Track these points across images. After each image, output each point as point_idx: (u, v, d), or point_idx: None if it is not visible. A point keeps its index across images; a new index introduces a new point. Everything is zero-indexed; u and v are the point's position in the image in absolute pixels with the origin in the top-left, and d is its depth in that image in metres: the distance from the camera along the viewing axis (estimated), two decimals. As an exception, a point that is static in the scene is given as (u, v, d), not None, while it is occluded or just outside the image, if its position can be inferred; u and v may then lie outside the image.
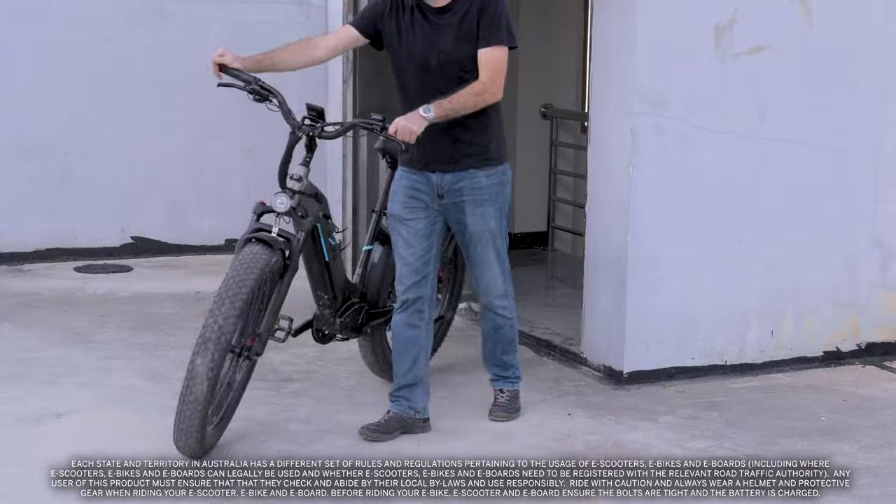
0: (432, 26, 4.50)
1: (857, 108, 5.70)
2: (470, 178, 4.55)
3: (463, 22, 4.46)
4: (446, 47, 4.47)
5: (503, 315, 4.79)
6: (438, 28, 4.49)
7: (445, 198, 4.57)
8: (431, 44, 4.48)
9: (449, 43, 4.47)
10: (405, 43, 4.53)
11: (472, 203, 4.56)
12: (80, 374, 5.35)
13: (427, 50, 4.49)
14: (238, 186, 8.29)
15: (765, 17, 5.47)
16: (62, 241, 7.85)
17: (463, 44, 4.46)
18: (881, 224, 5.85)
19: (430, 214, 4.61)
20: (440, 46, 4.47)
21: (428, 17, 4.51)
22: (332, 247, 4.76)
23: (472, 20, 4.46)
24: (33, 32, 7.63)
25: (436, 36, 4.48)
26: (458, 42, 4.46)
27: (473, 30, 4.45)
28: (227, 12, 8.12)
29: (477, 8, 4.45)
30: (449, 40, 4.47)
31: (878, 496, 4.19)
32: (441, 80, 4.46)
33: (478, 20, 4.45)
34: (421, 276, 4.59)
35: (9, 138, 7.66)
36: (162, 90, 7.97)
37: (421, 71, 4.51)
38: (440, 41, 4.48)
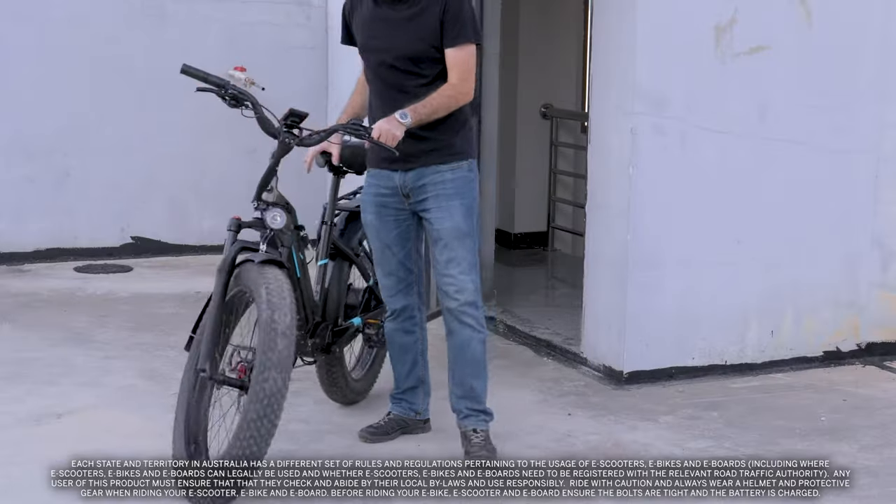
0: (388, 20, 4.32)
1: (857, 108, 5.70)
2: (432, 174, 4.33)
3: (421, 16, 4.27)
4: (402, 42, 4.29)
5: (472, 326, 4.35)
6: (395, 22, 4.31)
7: (411, 196, 4.37)
8: (388, 38, 4.32)
9: (406, 37, 4.28)
10: (364, 38, 4.41)
11: (437, 198, 4.33)
12: (80, 374, 5.35)
13: (385, 45, 4.32)
14: (238, 186, 8.26)
15: (765, 17, 5.47)
16: (62, 241, 7.85)
17: (420, 39, 4.27)
18: (881, 224, 5.85)
19: (403, 218, 4.43)
20: (397, 41, 4.29)
21: (383, 9, 4.34)
22: (303, 262, 4.52)
23: (432, 15, 4.25)
24: (33, 32, 7.63)
25: (392, 30, 4.31)
26: (416, 37, 4.27)
27: (433, 25, 4.25)
28: (227, 12, 8.12)
29: (440, 3, 4.24)
30: (406, 34, 4.28)
31: (878, 496, 4.19)
32: (398, 75, 4.31)
33: (441, 17, 4.24)
34: (405, 285, 4.50)
35: (9, 138, 7.66)
36: (162, 90, 7.96)
37: (380, 66, 4.35)
38: (397, 35, 4.30)
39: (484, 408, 4.43)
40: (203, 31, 8.06)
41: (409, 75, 4.31)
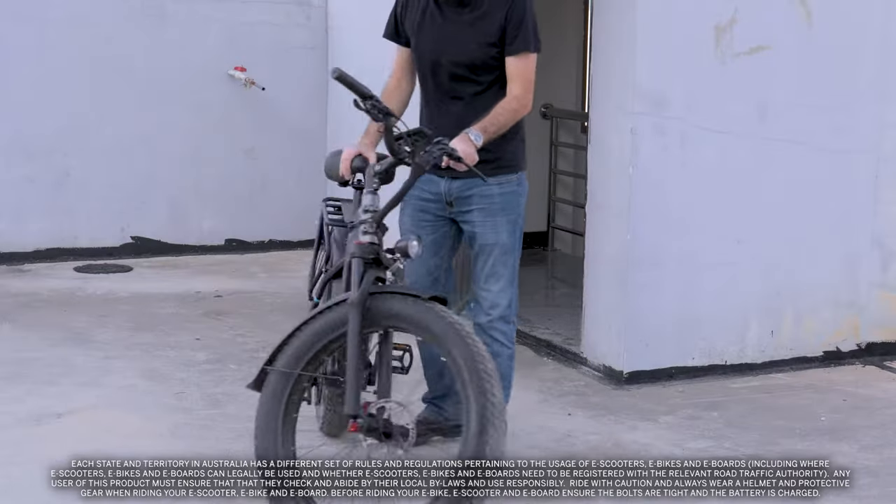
0: (447, 21, 4.19)
1: (857, 108, 5.70)
2: (480, 186, 4.19)
3: (482, 20, 4.14)
4: (460, 46, 4.16)
5: (501, 342, 4.31)
6: (454, 24, 4.18)
7: (455, 206, 4.27)
8: (444, 40, 4.18)
9: (464, 41, 4.15)
10: (419, 39, 4.25)
11: (482, 212, 4.24)
12: (80, 374, 5.35)
13: (439, 47, 4.19)
14: (238, 186, 8.30)
15: (765, 17, 5.47)
16: (62, 241, 7.85)
17: (479, 44, 4.14)
18: (881, 224, 5.85)
19: (441, 224, 4.33)
20: (454, 44, 4.16)
21: (444, 11, 4.19)
22: None
23: (493, 21, 4.12)
24: (33, 32, 7.63)
25: (450, 32, 4.18)
26: (475, 41, 4.14)
27: (493, 31, 4.12)
28: (227, 12, 8.12)
29: (502, 10, 4.12)
30: (464, 38, 4.15)
31: (878, 496, 4.19)
32: (453, 80, 4.21)
33: (503, 23, 4.11)
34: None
35: (9, 138, 7.66)
36: (162, 90, 7.97)
37: (432, 69, 4.23)
38: (454, 38, 4.16)
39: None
40: (203, 31, 8.06)
41: (464, 81, 4.20)
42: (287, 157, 8.42)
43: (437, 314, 3.63)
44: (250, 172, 8.32)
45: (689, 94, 5.37)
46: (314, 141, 8.48)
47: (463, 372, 3.56)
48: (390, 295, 3.68)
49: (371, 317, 3.63)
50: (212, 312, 6.55)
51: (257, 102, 8.20)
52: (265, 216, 8.36)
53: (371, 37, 8.01)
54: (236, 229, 8.32)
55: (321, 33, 8.44)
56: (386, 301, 3.67)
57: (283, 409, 3.73)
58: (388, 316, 3.67)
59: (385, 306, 3.67)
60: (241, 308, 6.68)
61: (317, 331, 3.69)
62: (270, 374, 3.71)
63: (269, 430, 3.76)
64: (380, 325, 3.68)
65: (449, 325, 3.62)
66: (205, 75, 8.10)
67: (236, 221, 8.32)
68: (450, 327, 3.62)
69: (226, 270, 7.72)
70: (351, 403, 3.61)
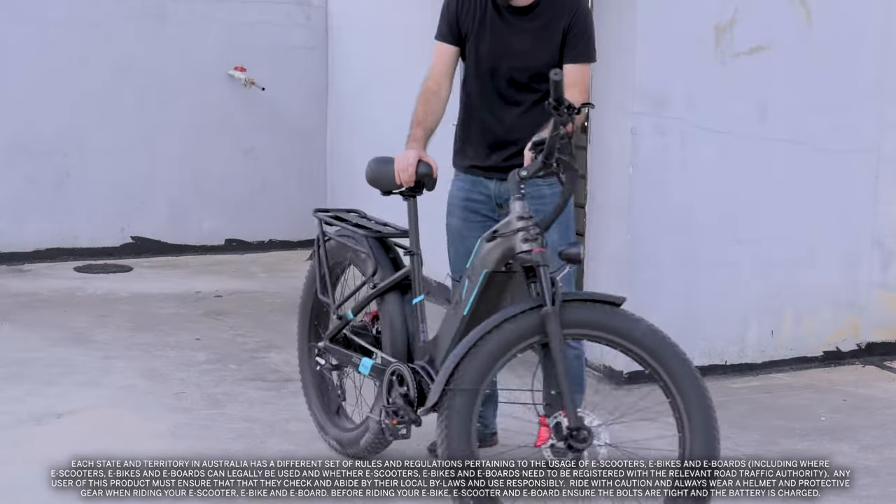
0: (508, 27, 4.11)
1: (857, 108, 5.70)
2: (530, 188, 3.89)
3: (546, 29, 4.08)
4: (524, 54, 4.08)
5: (570, 344, 4.06)
6: (517, 32, 4.10)
7: (505, 207, 4.05)
8: (505, 47, 4.10)
9: (527, 50, 4.08)
10: (474, 42, 4.16)
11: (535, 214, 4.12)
12: (80, 374, 5.35)
13: (500, 53, 4.11)
14: (238, 186, 8.30)
15: (765, 17, 5.47)
16: (62, 241, 7.85)
17: (541, 52, 4.07)
18: (881, 224, 5.85)
19: (490, 226, 4.09)
20: (516, 52, 4.09)
21: (504, 17, 4.11)
22: None
23: (556, 30, 4.07)
24: (33, 32, 7.63)
25: (511, 39, 4.10)
26: (536, 49, 4.07)
27: (557, 40, 4.07)
28: (227, 12, 8.12)
29: (565, 18, 4.06)
30: (526, 45, 4.08)
31: (878, 496, 4.20)
32: (511, 87, 4.13)
33: (564, 31, 4.06)
34: None
35: (9, 138, 7.66)
36: (162, 90, 7.98)
37: (488, 75, 4.15)
38: (517, 46, 4.09)
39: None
40: (203, 31, 8.06)
41: (523, 89, 4.13)
42: (287, 157, 8.42)
43: (635, 320, 3.65)
44: (250, 172, 8.32)
45: (689, 94, 5.37)
46: (314, 141, 8.49)
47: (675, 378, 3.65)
48: (581, 302, 3.64)
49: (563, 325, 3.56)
50: (212, 312, 6.55)
51: (257, 102, 8.21)
52: (265, 216, 8.36)
53: (371, 37, 8.04)
54: (236, 229, 8.32)
55: (321, 33, 8.44)
56: (577, 309, 3.62)
57: (473, 427, 3.61)
58: (579, 325, 3.63)
59: (576, 315, 3.62)
60: (241, 308, 6.68)
61: (502, 345, 3.59)
62: (454, 394, 3.56)
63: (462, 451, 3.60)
64: (571, 335, 3.64)
65: (651, 331, 3.65)
66: (205, 75, 8.10)
67: (236, 221, 8.32)
68: (652, 333, 3.65)
69: (226, 270, 7.73)
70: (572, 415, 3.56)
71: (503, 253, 3.71)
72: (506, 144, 4.17)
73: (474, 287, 3.78)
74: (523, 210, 3.63)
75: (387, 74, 7.60)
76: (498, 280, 3.77)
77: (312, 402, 4.58)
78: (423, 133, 4.11)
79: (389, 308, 4.13)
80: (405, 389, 3.98)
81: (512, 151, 4.14)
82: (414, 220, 4.10)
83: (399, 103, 7.51)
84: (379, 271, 4.17)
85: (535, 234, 3.61)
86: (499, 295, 3.83)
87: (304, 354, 4.67)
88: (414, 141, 4.09)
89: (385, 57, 7.65)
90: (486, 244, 3.77)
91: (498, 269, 3.73)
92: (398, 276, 4.12)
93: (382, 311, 4.16)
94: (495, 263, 3.73)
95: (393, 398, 4.03)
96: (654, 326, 3.68)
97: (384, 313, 4.15)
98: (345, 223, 4.36)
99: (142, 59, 7.90)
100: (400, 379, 4.01)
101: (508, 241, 3.66)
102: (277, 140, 8.38)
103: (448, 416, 3.57)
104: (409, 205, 4.10)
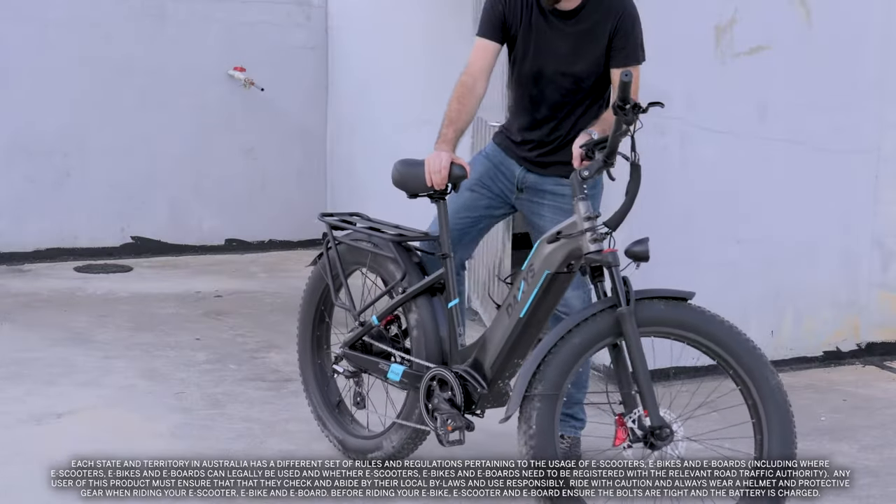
0: (554, 31, 4.04)
1: (858, 108, 5.70)
2: (554, 185, 4.12)
3: (592, 31, 4.03)
4: (569, 58, 4.04)
5: None
6: (562, 35, 4.04)
7: (524, 194, 4.17)
8: (551, 50, 4.05)
9: (572, 52, 4.03)
10: (521, 45, 4.10)
11: (553, 210, 4.13)
12: (80, 374, 5.35)
13: (545, 56, 4.05)
14: (238, 186, 8.30)
15: (765, 17, 5.47)
16: (62, 241, 7.86)
17: (587, 54, 4.03)
18: (881, 224, 5.85)
19: (498, 205, 4.22)
20: (561, 55, 4.04)
21: (550, 20, 4.05)
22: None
23: (602, 33, 4.02)
24: (33, 32, 7.64)
25: (557, 42, 4.04)
26: (583, 52, 4.03)
27: (604, 43, 4.02)
28: (227, 12, 8.13)
29: (612, 20, 4.02)
30: (572, 49, 4.03)
31: (878, 496, 4.20)
32: (552, 89, 4.09)
33: (611, 33, 4.02)
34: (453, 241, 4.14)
35: (9, 138, 7.67)
36: (162, 90, 7.98)
37: (533, 78, 4.10)
38: (562, 48, 4.04)
39: (573, 412, 4.34)
40: (203, 31, 8.07)
41: (569, 91, 4.08)
42: (287, 157, 8.42)
43: (709, 316, 3.66)
44: (250, 172, 8.33)
45: (689, 94, 5.37)
46: (314, 141, 8.50)
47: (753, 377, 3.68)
48: (652, 300, 3.66)
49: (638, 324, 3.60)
50: (212, 312, 6.55)
51: (257, 102, 8.21)
52: (265, 216, 8.36)
53: (371, 37, 8.04)
54: (236, 229, 8.32)
55: (321, 33, 8.45)
56: (651, 307, 3.66)
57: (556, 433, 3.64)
58: (654, 323, 3.67)
59: (651, 313, 3.66)
60: (241, 308, 6.68)
61: (578, 348, 3.62)
62: (535, 399, 3.58)
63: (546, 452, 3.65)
64: (646, 333, 3.66)
65: (729, 328, 3.68)
66: (205, 75, 8.11)
67: (236, 221, 8.32)
68: (730, 330, 3.67)
69: (226, 270, 7.73)
70: (655, 415, 3.59)
71: (568, 254, 3.68)
72: (544, 144, 4.16)
73: (533, 289, 3.73)
74: (588, 210, 3.62)
75: (387, 74, 7.61)
76: (559, 282, 3.75)
77: (314, 397, 4.55)
78: (454, 134, 4.03)
79: (422, 312, 4.07)
80: (449, 395, 3.94)
81: (547, 149, 4.15)
82: (444, 222, 4.02)
83: (399, 103, 7.54)
84: (408, 276, 4.11)
85: (603, 235, 3.62)
86: (556, 297, 3.81)
87: (305, 353, 4.62)
88: (444, 142, 4.01)
89: (385, 57, 7.65)
90: (547, 245, 3.72)
91: (560, 271, 3.71)
92: (432, 278, 4.04)
93: (412, 315, 4.10)
94: (559, 265, 3.70)
95: (435, 404, 3.97)
96: (727, 321, 3.70)
97: (415, 317, 4.09)
98: (353, 227, 4.30)
99: (142, 59, 7.90)
100: (441, 384, 3.97)
101: (575, 241, 3.64)
102: (277, 140, 8.38)
103: (530, 423, 3.60)
104: (439, 207, 4.03)
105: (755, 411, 3.68)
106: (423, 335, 4.06)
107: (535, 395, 3.56)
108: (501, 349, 3.84)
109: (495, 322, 3.89)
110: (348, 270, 4.35)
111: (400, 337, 4.23)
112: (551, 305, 3.82)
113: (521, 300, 3.76)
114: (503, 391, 3.94)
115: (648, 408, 3.59)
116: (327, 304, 4.51)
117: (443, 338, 4.04)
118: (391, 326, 4.25)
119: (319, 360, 4.55)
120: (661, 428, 3.59)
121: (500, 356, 3.86)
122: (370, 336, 4.24)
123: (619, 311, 3.54)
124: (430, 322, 4.05)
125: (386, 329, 4.26)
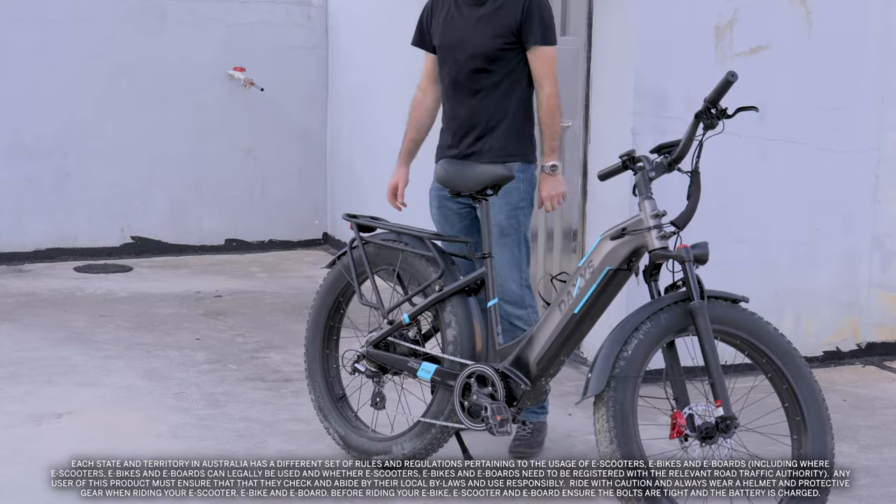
0: (464, 18, 4.34)
1: (858, 109, 5.70)
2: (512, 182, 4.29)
3: (496, 14, 4.28)
4: (476, 39, 4.28)
5: (519, 327, 4.32)
6: (471, 20, 4.32)
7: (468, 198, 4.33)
8: (462, 36, 4.32)
9: (479, 35, 4.29)
10: (440, 37, 4.40)
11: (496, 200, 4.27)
12: (80, 374, 5.35)
13: (458, 42, 4.33)
14: (238, 186, 8.30)
15: (765, 17, 5.47)
16: (62, 241, 7.86)
17: (493, 36, 4.27)
18: (881, 224, 5.85)
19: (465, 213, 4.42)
20: (470, 38, 4.30)
21: (461, 9, 4.35)
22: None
23: (508, 15, 4.26)
24: (33, 32, 7.64)
25: (467, 27, 4.32)
26: (489, 34, 4.27)
27: (510, 24, 4.25)
28: (227, 12, 8.13)
29: (519, 4, 4.25)
30: (479, 32, 4.29)
31: (878, 496, 4.20)
32: (470, 74, 4.31)
33: (520, 18, 4.25)
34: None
35: (9, 138, 7.67)
36: (162, 90, 7.98)
37: (452, 65, 4.36)
38: (471, 32, 4.31)
39: None
40: (203, 31, 8.07)
41: (481, 73, 4.30)
42: (287, 157, 8.42)
43: (764, 322, 3.75)
44: (250, 172, 8.33)
45: (689, 94, 5.36)
46: (314, 141, 8.50)
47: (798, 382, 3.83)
48: (719, 299, 3.73)
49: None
50: (212, 312, 6.55)
51: (257, 102, 8.21)
52: (265, 216, 8.36)
53: (371, 37, 8.04)
54: (236, 229, 8.32)
55: (321, 33, 8.45)
56: (717, 306, 3.73)
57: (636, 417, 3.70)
58: (722, 321, 3.75)
59: (719, 312, 3.73)
60: (241, 308, 6.68)
61: (653, 336, 3.68)
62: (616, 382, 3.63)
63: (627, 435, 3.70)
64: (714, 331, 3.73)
65: (778, 335, 3.79)
66: (205, 75, 8.11)
67: (236, 221, 8.32)
68: (779, 337, 3.78)
69: (226, 270, 7.73)
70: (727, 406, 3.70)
71: (632, 250, 3.73)
72: (469, 130, 4.34)
73: (591, 285, 3.77)
74: (654, 209, 3.69)
75: (387, 74, 7.60)
76: (618, 279, 3.78)
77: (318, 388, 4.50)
78: (410, 150, 4.52)
79: (458, 311, 4.10)
80: (490, 391, 3.95)
81: (474, 137, 4.32)
82: (487, 222, 4.10)
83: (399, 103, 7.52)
84: (445, 274, 4.14)
85: (671, 232, 3.70)
86: (612, 294, 3.84)
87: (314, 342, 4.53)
88: (401, 156, 4.51)
89: (385, 57, 7.65)
90: (609, 242, 3.77)
91: (621, 268, 3.75)
92: (473, 276, 4.08)
93: (447, 314, 4.12)
94: (621, 261, 3.74)
95: (473, 401, 3.98)
96: (776, 328, 3.81)
97: (451, 316, 4.11)
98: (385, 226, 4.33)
99: (142, 59, 7.90)
100: (479, 381, 3.98)
101: (640, 238, 3.69)
102: (277, 140, 8.38)
103: (610, 407, 3.63)
104: (482, 207, 4.13)
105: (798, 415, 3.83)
106: (459, 333, 4.09)
107: (619, 376, 3.61)
108: (551, 345, 3.88)
109: (544, 319, 3.92)
110: (375, 270, 4.33)
111: (420, 339, 4.25)
112: (606, 303, 3.86)
113: (576, 296, 3.81)
114: (544, 389, 4.00)
115: (721, 398, 3.68)
116: (346, 296, 4.47)
117: (480, 336, 4.08)
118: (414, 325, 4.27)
119: (328, 351, 4.52)
120: (732, 418, 3.69)
121: (549, 352, 3.90)
122: (398, 335, 4.25)
123: (693, 304, 3.61)
124: (467, 321, 4.09)
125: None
